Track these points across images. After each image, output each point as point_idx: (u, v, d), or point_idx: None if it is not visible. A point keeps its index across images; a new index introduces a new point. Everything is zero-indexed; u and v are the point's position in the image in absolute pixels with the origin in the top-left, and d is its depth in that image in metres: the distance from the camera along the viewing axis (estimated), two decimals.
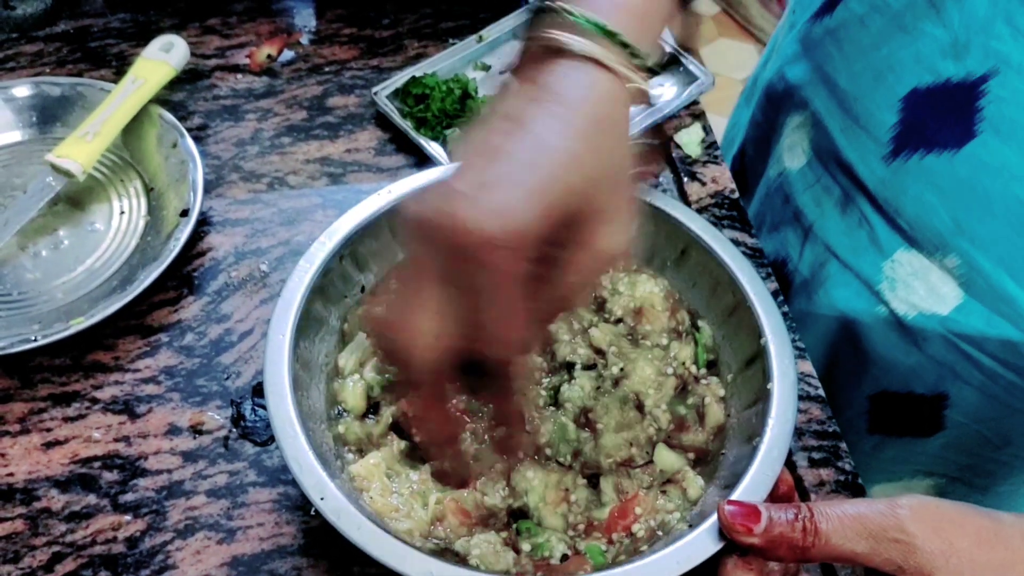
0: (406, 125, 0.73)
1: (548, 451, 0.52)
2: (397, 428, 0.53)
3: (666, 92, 0.75)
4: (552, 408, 0.53)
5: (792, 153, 0.73)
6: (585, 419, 0.53)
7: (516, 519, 0.51)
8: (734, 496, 0.45)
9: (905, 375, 0.67)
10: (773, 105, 0.77)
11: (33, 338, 0.58)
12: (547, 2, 0.42)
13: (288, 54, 0.80)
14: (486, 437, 0.52)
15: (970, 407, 0.66)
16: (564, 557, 0.48)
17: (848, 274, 0.68)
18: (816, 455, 0.59)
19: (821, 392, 0.62)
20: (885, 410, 0.70)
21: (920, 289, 0.63)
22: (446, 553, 0.48)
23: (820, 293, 0.70)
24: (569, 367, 0.55)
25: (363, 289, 0.57)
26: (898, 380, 0.68)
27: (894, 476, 0.73)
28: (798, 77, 0.71)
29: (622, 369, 0.54)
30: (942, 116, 0.59)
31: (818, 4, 0.69)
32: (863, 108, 0.64)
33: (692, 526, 0.46)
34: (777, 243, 0.75)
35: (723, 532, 0.43)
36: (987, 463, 0.69)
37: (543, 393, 0.54)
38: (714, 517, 0.44)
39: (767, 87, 0.78)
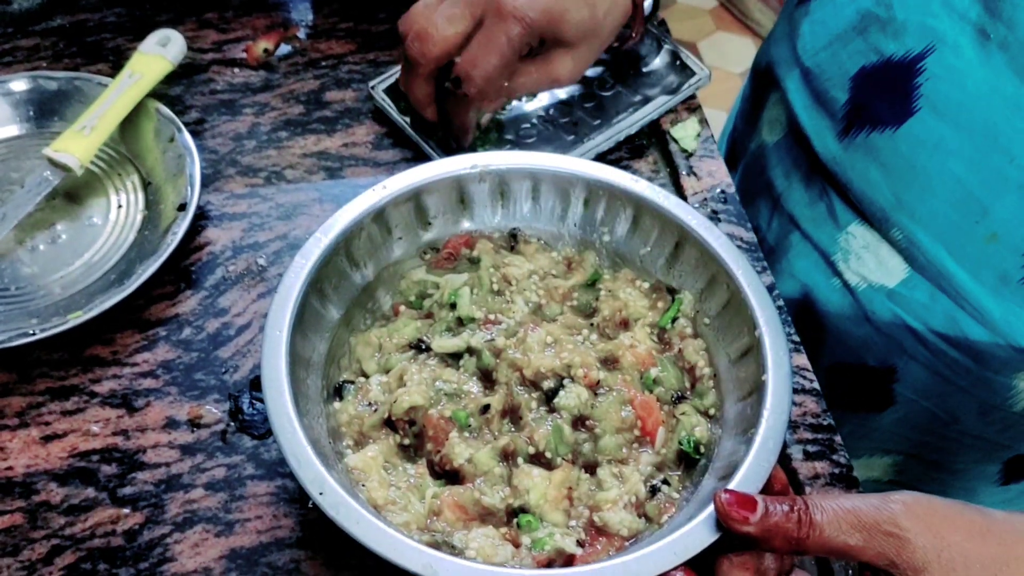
0: (403, 120, 0.73)
1: (547, 455, 0.52)
2: (390, 424, 0.53)
3: (663, 87, 0.75)
4: (546, 410, 0.53)
5: (772, 127, 0.76)
6: (582, 423, 0.53)
7: (515, 516, 0.50)
8: (730, 487, 0.45)
9: (857, 347, 0.69)
10: (760, 81, 0.79)
11: (31, 332, 0.58)
12: None
13: (285, 48, 0.80)
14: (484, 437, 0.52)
15: (918, 383, 0.67)
16: (570, 557, 0.48)
17: (807, 245, 0.70)
18: (811, 448, 0.59)
19: (816, 385, 0.62)
20: (840, 382, 0.72)
21: (870, 262, 0.65)
22: (444, 547, 0.48)
23: (783, 262, 0.73)
24: (552, 392, 0.54)
25: (363, 288, 0.57)
26: (851, 352, 0.70)
27: (854, 453, 0.74)
28: (778, 55, 0.74)
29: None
30: (885, 94, 0.60)
31: None
32: (821, 87, 0.66)
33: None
34: (750, 213, 0.77)
35: (719, 523, 0.43)
36: (939, 440, 0.71)
37: (534, 396, 0.54)
38: (711, 508, 0.44)
39: (756, 64, 0.80)
